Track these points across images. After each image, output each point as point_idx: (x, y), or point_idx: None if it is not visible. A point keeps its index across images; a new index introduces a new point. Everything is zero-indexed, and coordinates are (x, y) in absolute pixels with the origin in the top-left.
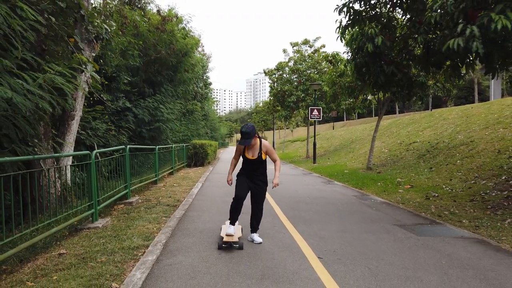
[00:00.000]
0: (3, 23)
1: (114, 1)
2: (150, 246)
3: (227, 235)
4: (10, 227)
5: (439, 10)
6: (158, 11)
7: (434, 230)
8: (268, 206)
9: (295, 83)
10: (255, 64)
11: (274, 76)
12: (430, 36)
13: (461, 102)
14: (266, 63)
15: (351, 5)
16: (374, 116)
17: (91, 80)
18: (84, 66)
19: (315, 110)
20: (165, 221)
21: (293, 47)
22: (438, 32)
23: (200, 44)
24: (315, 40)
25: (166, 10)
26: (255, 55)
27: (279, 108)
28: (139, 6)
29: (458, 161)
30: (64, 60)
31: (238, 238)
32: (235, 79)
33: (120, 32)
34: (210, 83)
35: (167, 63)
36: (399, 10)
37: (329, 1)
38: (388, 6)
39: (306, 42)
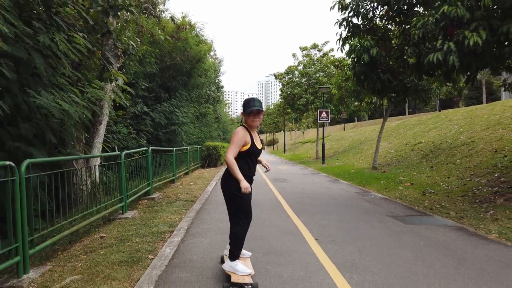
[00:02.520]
0: (56, 48)
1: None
2: (175, 231)
3: (245, 275)
4: (55, 217)
5: (421, 28)
6: (173, 20)
7: (422, 220)
8: (276, 201)
9: (305, 86)
10: (266, 66)
11: (284, 79)
12: (419, 48)
13: (472, 102)
14: (277, 64)
15: (350, 19)
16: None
17: (116, 88)
18: (115, 79)
19: (324, 112)
20: (185, 213)
21: (302, 51)
22: (422, 46)
23: (212, 49)
24: (323, 44)
25: (180, 18)
26: (267, 57)
27: (289, 110)
28: (154, 14)
29: (458, 160)
30: (95, 73)
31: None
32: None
33: (139, 41)
34: (222, 86)
35: (182, 69)
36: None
37: None
38: (384, 19)
39: (315, 46)
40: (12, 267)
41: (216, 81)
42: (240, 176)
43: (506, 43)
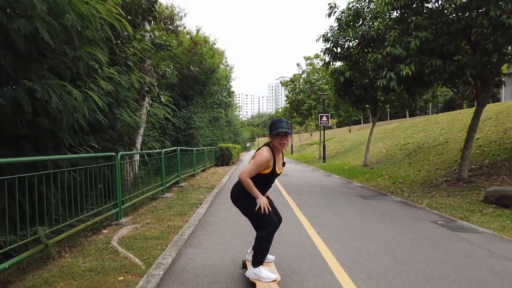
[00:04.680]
0: (131, 83)
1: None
2: (203, 203)
3: (271, 281)
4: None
5: (373, 62)
6: (190, 36)
7: (379, 198)
8: (276, 188)
9: (308, 93)
10: (277, 68)
11: (289, 86)
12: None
13: (473, 104)
14: (288, 66)
15: (331, 48)
16: (390, 119)
17: (151, 102)
18: (157, 97)
19: (324, 117)
20: (207, 194)
21: (306, 60)
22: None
23: (223, 56)
24: None
25: (195, 30)
26: (277, 59)
27: (295, 114)
28: (172, 29)
29: (432, 157)
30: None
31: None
32: (257, 84)
33: (172, 68)
34: (233, 92)
35: (198, 79)
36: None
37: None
38: (357, 49)
39: (317, 56)
40: (113, 216)
41: (228, 86)
42: (257, 193)
43: (431, 72)
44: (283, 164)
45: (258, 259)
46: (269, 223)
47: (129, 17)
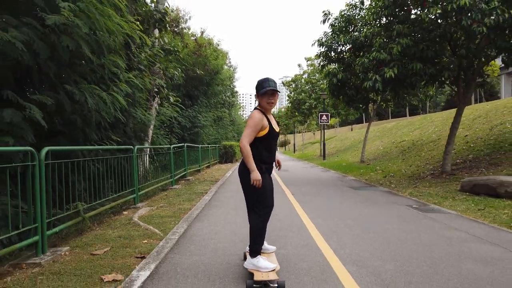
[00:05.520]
0: (144, 85)
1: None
2: (208, 192)
3: (269, 271)
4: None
5: (361, 66)
6: (195, 39)
7: (368, 188)
8: (275, 181)
9: (309, 93)
10: (281, 67)
11: (291, 86)
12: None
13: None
14: (291, 66)
15: (325, 52)
16: (391, 118)
17: (159, 101)
18: (166, 97)
19: (324, 116)
20: (212, 186)
21: (307, 61)
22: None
23: (227, 57)
24: None
25: (199, 32)
26: (281, 58)
27: (296, 114)
28: (177, 31)
29: (423, 154)
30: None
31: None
32: None
33: (180, 71)
34: (236, 92)
35: (202, 80)
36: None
37: None
38: (349, 53)
39: (318, 57)
40: (130, 201)
41: (231, 86)
42: (253, 166)
43: (413, 75)
44: (278, 124)
45: (254, 249)
46: (266, 204)
47: (142, 27)
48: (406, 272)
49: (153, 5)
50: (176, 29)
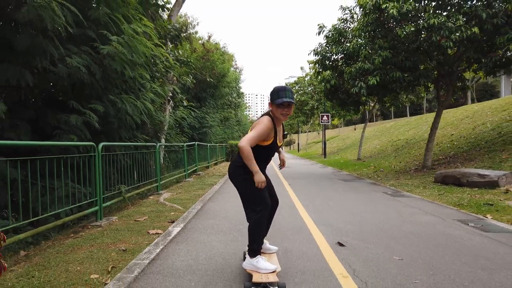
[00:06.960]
0: (164, 92)
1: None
2: (217, 183)
3: (268, 272)
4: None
5: (348, 74)
6: (203, 43)
7: (356, 180)
8: (276, 175)
9: (311, 94)
10: (287, 67)
11: (294, 88)
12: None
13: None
14: (298, 66)
15: (320, 60)
16: (394, 118)
17: (173, 104)
18: (181, 101)
19: (325, 116)
20: (220, 179)
21: (309, 64)
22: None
23: (233, 59)
24: None
25: (206, 36)
26: (287, 58)
27: (299, 114)
28: (186, 36)
29: (413, 151)
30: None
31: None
32: (267, 83)
33: (191, 77)
34: (242, 93)
35: (210, 83)
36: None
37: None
38: (341, 62)
39: (314, 64)
40: (153, 189)
41: (237, 88)
42: (255, 168)
43: (393, 82)
44: (284, 136)
45: (253, 248)
46: (261, 204)
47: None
48: (360, 231)
49: (170, 26)
50: (184, 34)
